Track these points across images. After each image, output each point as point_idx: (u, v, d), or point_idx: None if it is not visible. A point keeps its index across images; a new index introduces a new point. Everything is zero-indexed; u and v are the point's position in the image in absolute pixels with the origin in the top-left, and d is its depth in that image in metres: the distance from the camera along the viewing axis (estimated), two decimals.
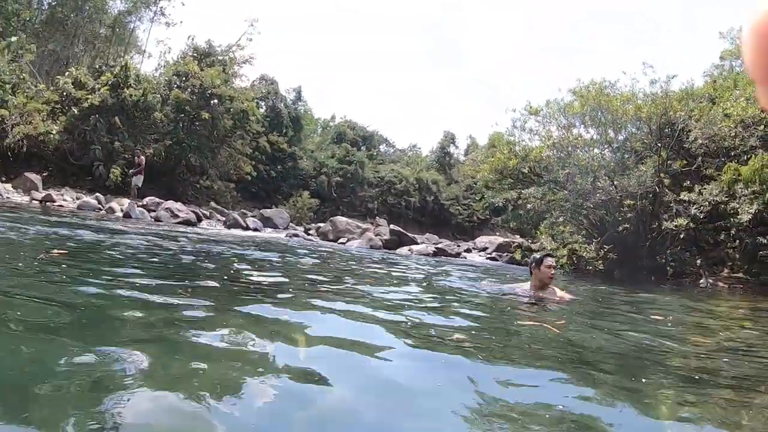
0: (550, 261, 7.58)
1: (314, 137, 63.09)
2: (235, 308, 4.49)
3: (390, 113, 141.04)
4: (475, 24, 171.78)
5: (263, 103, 50.71)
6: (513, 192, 22.53)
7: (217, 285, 5.83)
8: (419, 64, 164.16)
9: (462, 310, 6.23)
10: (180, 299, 4.47)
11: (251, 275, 7.55)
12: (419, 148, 75.64)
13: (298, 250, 14.75)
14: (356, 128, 62.02)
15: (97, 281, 5.02)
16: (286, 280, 7.70)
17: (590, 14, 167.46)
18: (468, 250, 27.21)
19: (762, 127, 19.10)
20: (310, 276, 8.78)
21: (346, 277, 9.34)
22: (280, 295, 5.79)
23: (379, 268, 12.02)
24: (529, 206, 21.86)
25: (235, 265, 8.77)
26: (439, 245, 25.50)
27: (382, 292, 7.23)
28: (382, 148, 70.29)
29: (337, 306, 5.29)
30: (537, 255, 7.82)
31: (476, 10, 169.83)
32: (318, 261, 12.23)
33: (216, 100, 37.54)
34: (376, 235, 27.62)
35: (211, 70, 37.29)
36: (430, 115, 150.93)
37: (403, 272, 11.71)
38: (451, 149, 66.77)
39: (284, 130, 50.71)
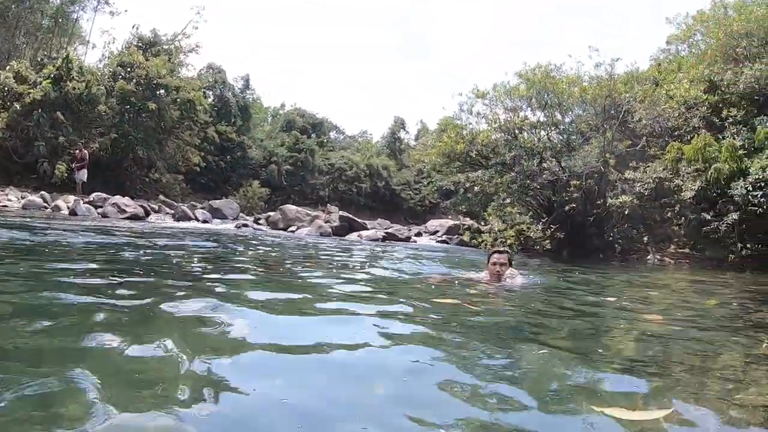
0: (495, 258, 7.23)
1: (264, 126, 62.10)
2: (163, 305, 4.16)
3: (356, 105, 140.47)
4: (443, 17, 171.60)
5: (211, 93, 49.53)
6: (461, 175, 22.45)
7: (143, 280, 5.47)
8: (387, 57, 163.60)
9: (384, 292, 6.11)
10: (101, 297, 4.18)
11: (188, 268, 7.31)
12: (370, 135, 75.59)
13: (244, 241, 14.46)
14: (306, 116, 61.08)
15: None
16: (218, 272, 7.35)
17: (559, 7, 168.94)
18: (418, 234, 27.10)
19: (704, 108, 19.60)
20: (245, 266, 8.47)
21: (287, 265, 9.13)
22: (212, 286, 5.52)
23: (323, 256, 11.85)
24: (476, 189, 21.81)
25: (175, 259, 8.43)
26: (389, 230, 25.34)
27: (321, 279, 7.08)
28: (332, 135, 69.74)
29: (269, 295, 5.09)
30: (491, 250, 7.87)
31: (445, 2, 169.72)
32: (259, 250, 11.96)
33: (162, 91, 36.52)
34: (326, 222, 27.36)
35: (156, 60, 36.12)
36: (397, 106, 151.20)
37: (347, 259, 11.53)
38: (402, 134, 66.96)
39: (233, 120, 49.64)
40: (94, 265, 6.45)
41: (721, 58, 20.81)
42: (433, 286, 6.92)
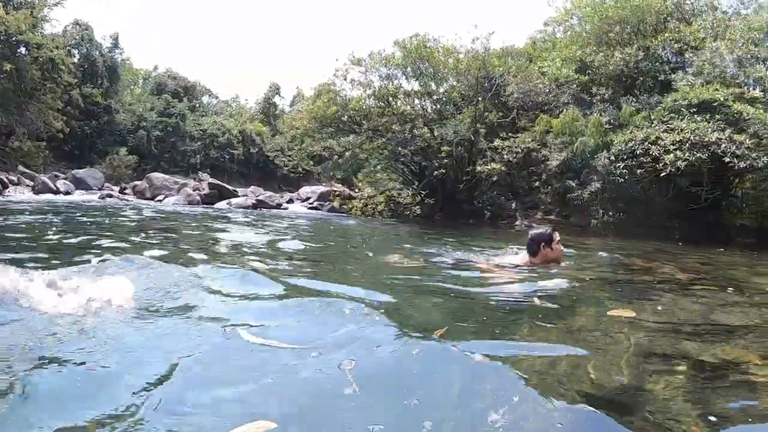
0: (558, 237, 5.85)
1: (135, 90, 58.55)
2: None
3: (232, 70, 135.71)
4: None
5: (76, 52, 46.05)
6: (332, 141, 21.91)
7: None
8: (268, 21, 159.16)
9: None
10: None
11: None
12: (246, 100, 72.93)
13: (103, 211, 13.41)
14: (178, 78, 57.99)
15: None
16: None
17: None
18: (290, 201, 26.47)
19: (575, 85, 20.09)
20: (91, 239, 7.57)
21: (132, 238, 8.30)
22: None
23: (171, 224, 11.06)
24: (347, 154, 21.35)
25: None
26: (260, 197, 24.57)
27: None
28: (205, 99, 66.96)
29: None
30: (541, 230, 6.00)
31: None
32: (116, 222, 11.05)
33: (23, 49, 33.57)
34: (194, 190, 26.30)
35: (17, 14, 32.73)
36: (276, 72, 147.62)
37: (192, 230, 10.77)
38: (277, 100, 65.25)
39: (99, 81, 46.39)
40: None
41: (594, 41, 21.28)
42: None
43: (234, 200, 23.36)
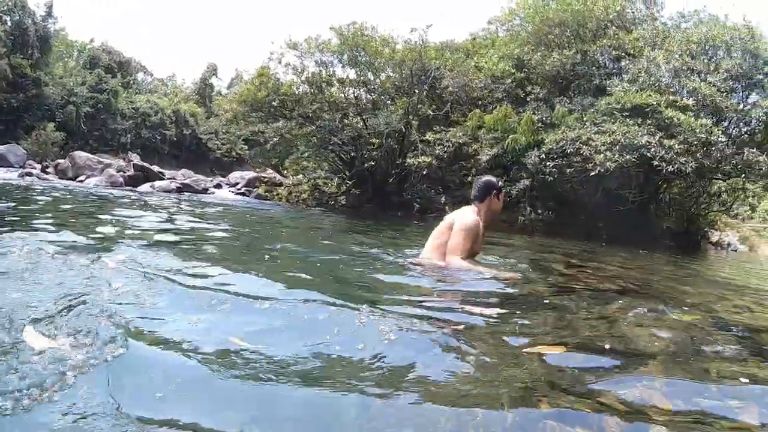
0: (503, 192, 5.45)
1: (69, 62, 55.54)
2: None
3: (169, 48, 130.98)
4: None
5: (8, 19, 43.80)
6: (262, 125, 21.23)
7: None
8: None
9: None
10: None
11: None
12: (183, 80, 70.61)
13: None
14: (113, 53, 55.18)
15: None
16: None
17: None
18: (218, 186, 25.65)
19: (510, 81, 20.06)
20: None
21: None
22: None
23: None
24: (275, 140, 20.77)
25: None
26: (185, 181, 23.70)
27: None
28: (140, 76, 63.84)
29: None
30: (494, 179, 5.43)
31: None
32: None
33: None
34: (118, 171, 25.25)
35: None
36: (216, 53, 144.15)
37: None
38: (214, 81, 63.26)
39: (30, 52, 43.80)
40: None
41: (533, 41, 21.31)
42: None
43: (157, 183, 22.47)
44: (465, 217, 4.97)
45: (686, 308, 3.84)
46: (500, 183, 5.41)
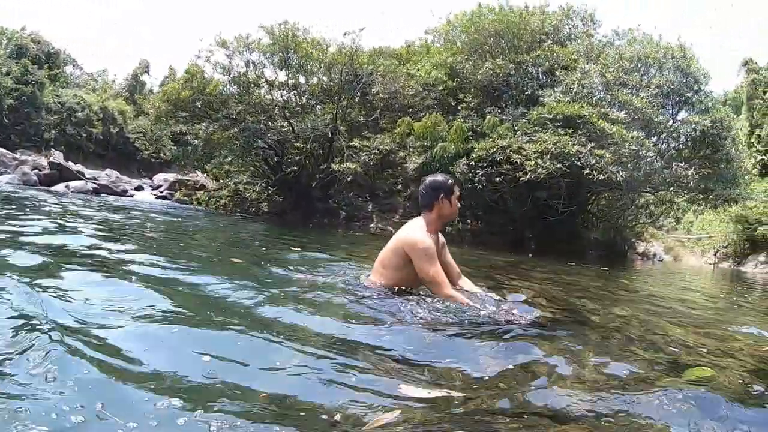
0: (458, 191, 4.33)
1: None
2: None
3: (104, 42, 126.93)
4: None
5: None
6: (184, 126, 20.37)
7: None
8: None
9: None
10: None
11: None
12: (114, 75, 68.32)
13: None
14: (42, 43, 52.71)
15: None
16: None
17: None
18: (139, 188, 24.73)
19: (441, 89, 19.93)
20: None
21: None
22: None
23: None
24: (196, 142, 19.98)
25: None
26: (104, 182, 22.72)
27: None
28: (69, 69, 61.31)
29: None
30: (440, 178, 4.32)
31: None
32: None
33: None
34: (33, 169, 24.04)
35: None
36: (150, 50, 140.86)
37: None
38: (145, 78, 60.91)
39: None
40: None
41: (468, 51, 21.19)
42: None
43: (73, 183, 21.39)
44: (408, 236, 4.06)
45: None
46: (450, 181, 4.29)
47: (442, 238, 4.39)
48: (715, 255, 27.53)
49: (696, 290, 10.48)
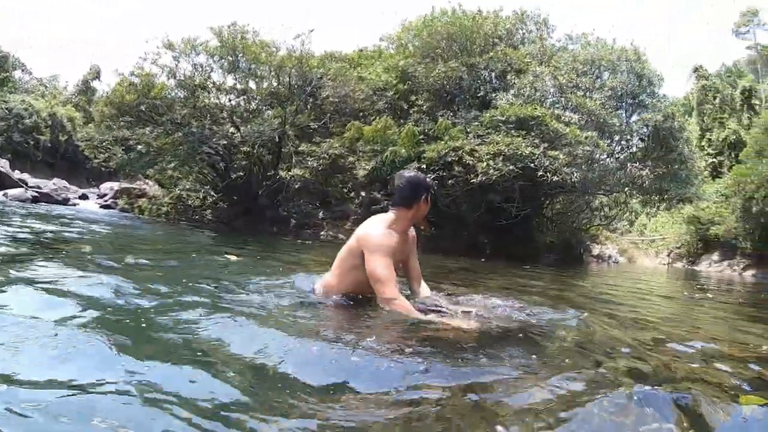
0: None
1: None
2: None
3: (55, 46, 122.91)
4: None
5: None
6: (127, 131, 19.52)
7: None
8: None
9: None
10: None
11: None
12: (66, 82, 65.86)
13: None
14: None
15: None
16: None
17: None
18: (83, 197, 24.03)
19: (392, 93, 19.70)
20: None
21: None
22: None
23: None
24: (139, 147, 19.17)
25: None
26: (44, 190, 21.92)
27: None
28: (17, 74, 58.09)
29: None
30: (421, 175, 4.00)
31: None
32: None
33: None
34: None
35: None
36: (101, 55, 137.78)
37: None
38: (96, 84, 57.82)
39: None
40: None
41: (420, 54, 20.99)
42: None
43: (11, 192, 20.52)
44: (365, 231, 3.63)
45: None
46: (429, 180, 3.96)
47: (413, 232, 3.96)
48: (668, 255, 27.89)
49: (652, 290, 10.28)
